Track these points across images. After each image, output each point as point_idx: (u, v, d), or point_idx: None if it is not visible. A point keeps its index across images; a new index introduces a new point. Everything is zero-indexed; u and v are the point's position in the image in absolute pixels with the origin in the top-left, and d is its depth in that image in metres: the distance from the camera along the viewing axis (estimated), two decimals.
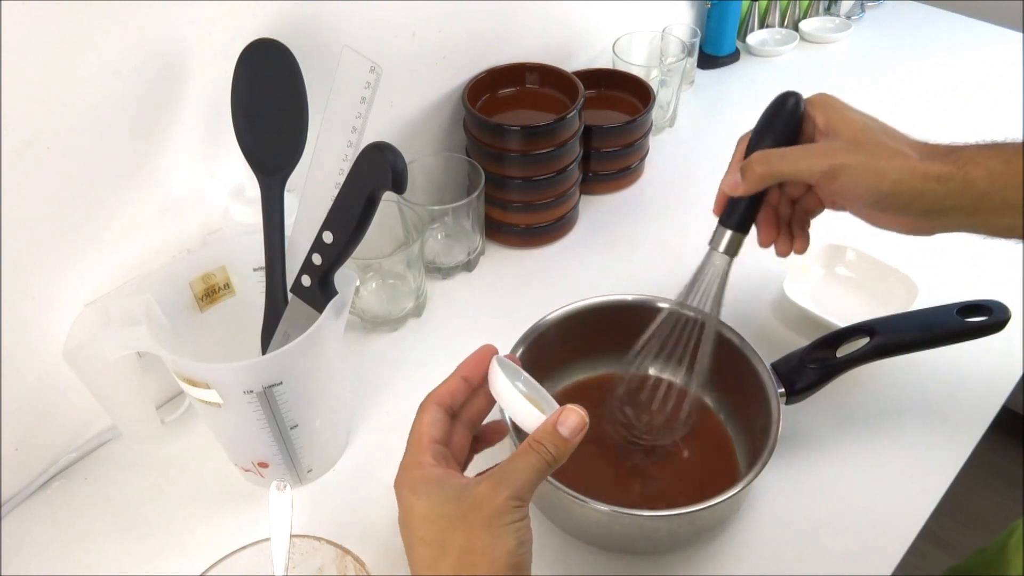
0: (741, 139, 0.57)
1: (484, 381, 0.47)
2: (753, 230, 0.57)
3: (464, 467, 0.49)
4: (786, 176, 0.53)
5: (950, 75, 1.13)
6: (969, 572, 0.73)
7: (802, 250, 0.58)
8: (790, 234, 0.58)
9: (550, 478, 0.53)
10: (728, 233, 0.56)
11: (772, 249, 0.59)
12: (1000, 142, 0.50)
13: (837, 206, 0.56)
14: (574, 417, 0.43)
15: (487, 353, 0.48)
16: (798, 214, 0.58)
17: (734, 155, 0.57)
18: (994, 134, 0.51)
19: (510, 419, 0.48)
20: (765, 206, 0.56)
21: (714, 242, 0.57)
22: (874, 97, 1.09)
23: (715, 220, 0.57)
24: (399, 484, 0.44)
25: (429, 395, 0.47)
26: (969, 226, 0.51)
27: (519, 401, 0.44)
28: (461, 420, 0.48)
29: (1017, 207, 0.48)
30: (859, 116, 0.53)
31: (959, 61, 1.16)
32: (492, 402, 0.48)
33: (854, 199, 0.52)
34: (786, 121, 0.54)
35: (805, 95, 0.55)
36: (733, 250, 0.56)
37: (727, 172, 0.55)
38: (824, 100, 0.54)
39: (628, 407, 0.62)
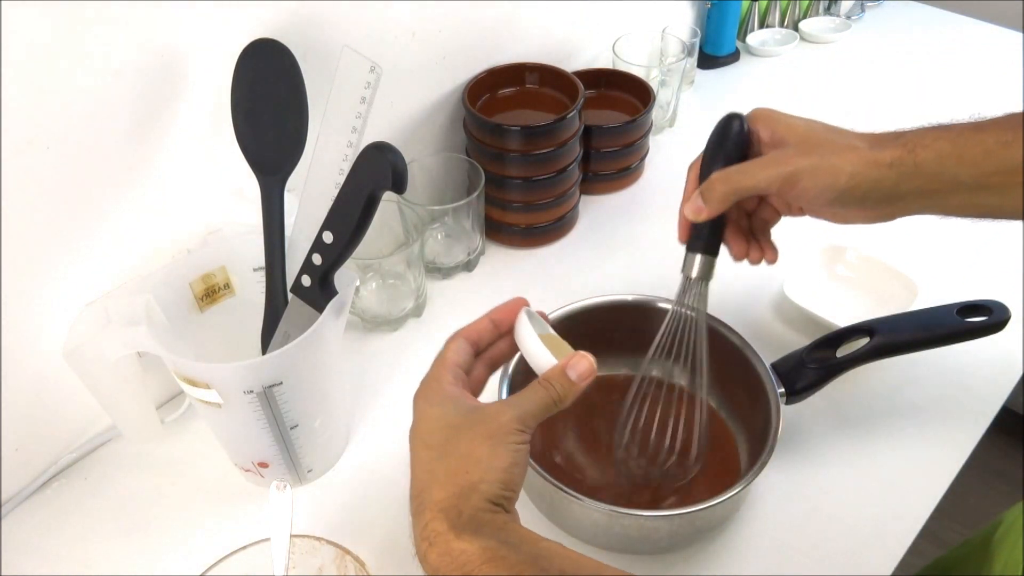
0: (691, 167, 0.58)
1: (511, 329, 0.50)
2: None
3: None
4: (748, 191, 0.54)
5: (950, 75, 1.13)
6: (952, 564, 0.73)
7: (773, 259, 0.59)
8: (759, 246, 0.59)
9: (550, 478, 0.54)
10: (698, 257, 0.56)
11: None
12: (946, 124, 0.52)
13: (795, 211, 0.57)
14: (584, 363, 0.46)
15: (519, 303, 0.50)
16: (758, 225, 0.59)
17: (687, 183, 0.57)
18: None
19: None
20: (729, 222, 0.57)
21: (686, 269, 0.57)
22: (874, 97, 1.09)
23: None
24: (418, 395, 0.46)
25: (458, 330, 0.49)
26: (926, 208, 0.52)
27: (537, 347, 0.47)
28: (483, 358, 0.50)
29: (967, 186, 0.50)
30: (801, 121, 0.55)
31: (959, 61, 1.16)
32: (516, 350, 0.50)
33: (814, 199, 0.53)
34: (735, 141, 0.55)
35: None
36: (706, 274, 0.56)
37: (684, 200, 0.56)
38: (764, 113, 0.56)
39: (636, 460, 0.61)
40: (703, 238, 0.56)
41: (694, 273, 0.56)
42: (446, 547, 0.40)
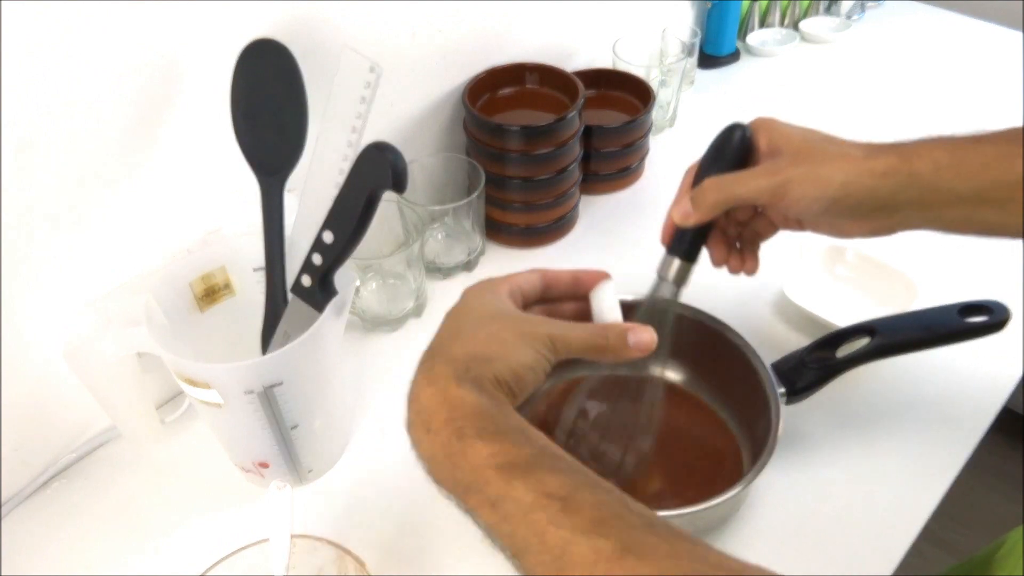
0: (688, 170, 0.57)
1: (586, 295, 0.50)
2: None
3: None
4: (738, 200, 0.53)
5: (950, 75, 1.13)
6: None
7: (753, 271, 0.59)
8: (740, 255, 0.58)
9: None
10: (676, 262, 0.56)
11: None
12: (945, 136, 0.50)
13: (792, 224, 0.56)
14: (647, 335, 0.46)
15: (604, 274, 0.51)
16: (748, 237, 0.59)
17: (681, 185, 0.57)
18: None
19: None
20: (715, 230, 0.57)
21: (662, 270, 0.56)
22: (874, 97, 1.09)
23: None
24: (469, 289, 0.48)
25: (539, 268, 0.50)
26: (925, 221, 0.51)
27: (613, 308, 0.48)
28: (545, 307, 0.50)
29: (965, 199, 0.49)
30: (798, 130, 0.54)
31: (959, 61, 1.16)
32: (579, 315, 0.50)
33: (806, 209, 0.52)
34: (734, 150, 0.54)
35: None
36: (682, 279, 0.56)
37: (675, 202, 0.55)
38: (764, 123, 0.55)
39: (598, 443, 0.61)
40: (685, 243, 0.55)
41: (670, 276, 0.56)
42: (444, 389, 0.41)
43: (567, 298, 0.51)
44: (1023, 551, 0.60)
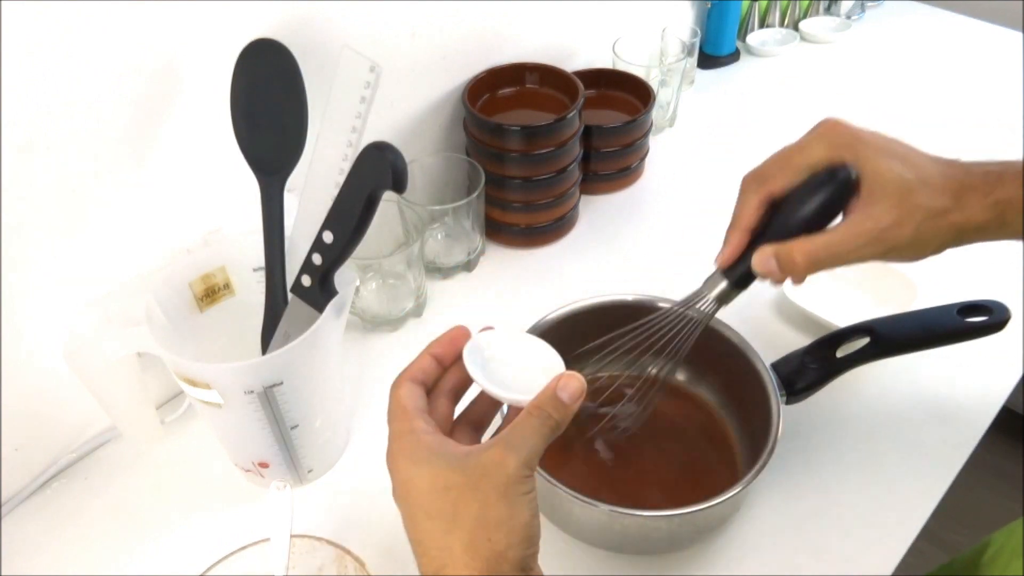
0: (746, 181, 0.53)
1: (457, 359, 0.44)
2: None
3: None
4: (834, 265, 0.50)
5: (950, 75, 1.13)
6: None
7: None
8: None
9: (550, 478, 0.53)
10: (724, 283, 0.54)
11: None
12: None
13: None
14: (574, 383, 0.41)
15: (460, 336, 0.44)
16: None
17: (746, 205, 0.52)
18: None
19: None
20: None
21: (708, 287, 0.55)
22: (874, 97, 1.09)
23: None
24: (393, 455, 0.41)
25: (400, 374, 0.44)
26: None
27: (502, 394, 0.42)
28: (440, 392, 0.45)
29: None
30: (896, 172, 0.49)
31: (959, 61, 1.16)
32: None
33: (896, 262, 0.51)
34: (836, 194, 0.50)
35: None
36: (724, 300, 0.55)
37: (738, 228, 0.52)
38: (859, 151, 0.49)
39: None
40: (740, 271, 0.53)
41: (713, 295, 0.54)
42: None
43: (444, 373, 0.45)
44: (1016, 551, 0.60)
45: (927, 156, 0.51)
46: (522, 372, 0.43)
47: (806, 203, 0.50)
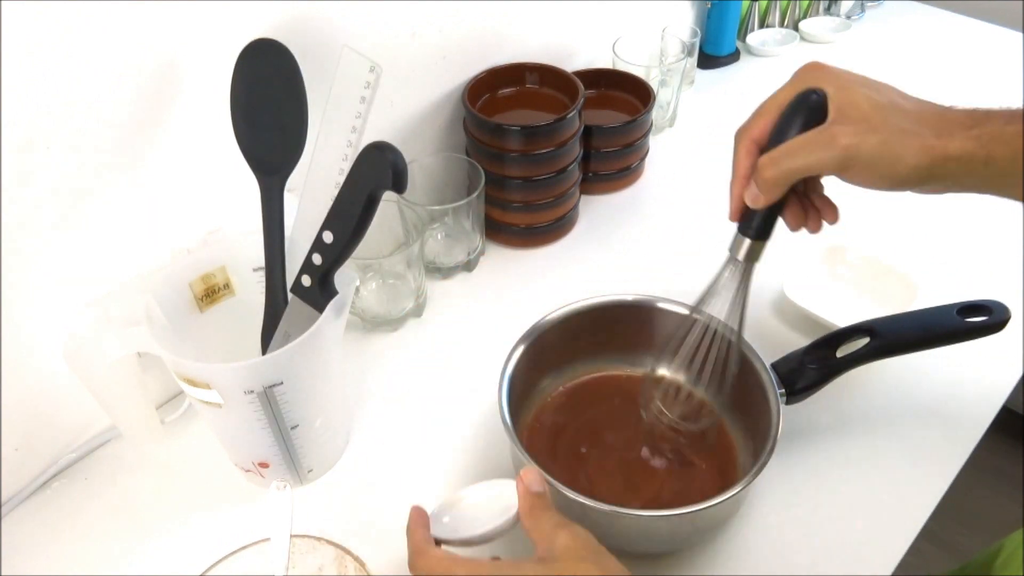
0: (738, 135, 0.54)
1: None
2: None
3: None
4: (799, 173, 0.50)
5: (950, 75, 1.12)
6: None
7: (834, 219, 0.55)
8: (815, 207, 0.55)
9: (550, 478, 0.53)
10: (747, 241, 0.54)
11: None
12: None
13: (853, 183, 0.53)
14: (530, 474, 0.46)
15: (418, 515, 0.47)
16: (809, 184, 0.55)
17: (736, 156, 0.53)
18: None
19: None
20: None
21: (734, 250, 0.55)
22: None
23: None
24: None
25: (410, 523, 0.47)
26: (983, 192, 0.50)
27: (480, 532, 0.46)
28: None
29: None
30: (866, 95, 0.50)
31: (959, 61, 1.16)
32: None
33: (867, 183, 0.50)
34: (804, 114, 0.51)
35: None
36: (754, 257, 0.55)
37: (736, 178, 0.53)
38: (834, 78, 0.52)
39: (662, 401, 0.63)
40: (757, 221, 0.53)
41: (741, 255, 0.54)
42: None
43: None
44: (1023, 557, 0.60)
45: (907, 94, 0.51)
46: (483, 510, 0.47)
47: (783, 134, 0.51)
